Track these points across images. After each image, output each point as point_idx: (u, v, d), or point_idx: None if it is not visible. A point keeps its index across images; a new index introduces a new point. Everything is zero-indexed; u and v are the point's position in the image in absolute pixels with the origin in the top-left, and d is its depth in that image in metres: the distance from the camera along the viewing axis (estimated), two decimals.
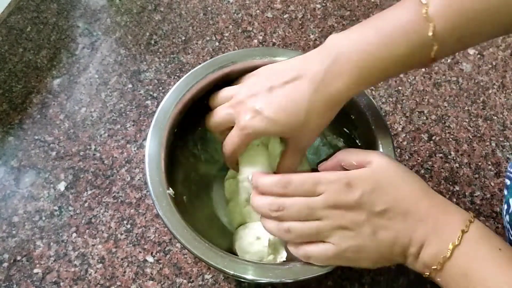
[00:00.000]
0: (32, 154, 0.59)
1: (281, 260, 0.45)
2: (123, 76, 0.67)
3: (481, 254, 0.35)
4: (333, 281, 0.51)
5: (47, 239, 0.53)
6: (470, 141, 0.62)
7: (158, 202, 0.43)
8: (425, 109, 0.64)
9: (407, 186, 0.38)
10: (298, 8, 0.75)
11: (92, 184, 0.57)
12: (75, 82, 0.66)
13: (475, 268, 0.34)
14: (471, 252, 0.35)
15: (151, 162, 0.45)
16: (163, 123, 0.48)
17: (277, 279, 0.41)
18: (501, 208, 0.56)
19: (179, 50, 0.70)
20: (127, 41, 0.70)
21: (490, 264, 0.34)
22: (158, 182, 0.44)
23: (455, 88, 0.67)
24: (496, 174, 0.59)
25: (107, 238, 0.54)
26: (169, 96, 0.49)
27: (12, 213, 0.55)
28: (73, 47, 0.69)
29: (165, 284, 0.51)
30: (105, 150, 0.60)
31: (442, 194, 0.57)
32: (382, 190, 0.38)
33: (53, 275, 0.51)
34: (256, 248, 0.45)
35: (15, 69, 0.66)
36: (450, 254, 0.35)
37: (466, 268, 0.35)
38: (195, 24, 0.73)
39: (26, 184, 0.57)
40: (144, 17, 0.73)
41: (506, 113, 0.64)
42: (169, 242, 0.53)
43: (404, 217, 0.37)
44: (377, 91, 0.66)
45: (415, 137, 0.62)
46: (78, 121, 0.62)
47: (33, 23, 0.71)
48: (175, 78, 0.66)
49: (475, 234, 0.36)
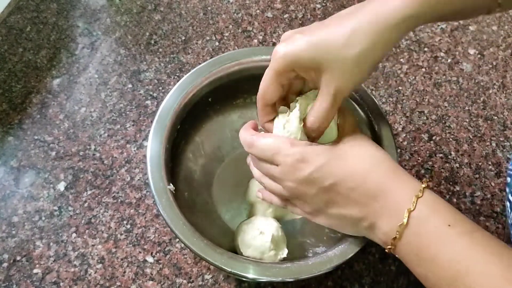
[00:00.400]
0: (31, 154, 0.59)
1: (282, 257, 0.45)
2: (123, 76, 0.66)
3: (430, 231, 0.34)
4: (333, 281, 0.51)
5: (47, 239, 0.53)
6: (470, 141, 0.62)
7: (158, 197, 0.43)
8: (426, 109, 0.64)
9: (357, 161, 0.38)
10: (298, 8, 0.75)
11: (92, 184, 0.57)
12: (75, 82, 0.66)
13: (425, 245, 0.34)
14: (422, 229, 0.34)
15: (153, 158, 0.45)
16: (165, 119, 0.48)
17: (277, 278, 0.41)
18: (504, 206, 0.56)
19: (179, 50, 0.69)
20: (127, 41, 0.70)
21: (439, 241, 0.34)
22: (159, 177, 0.44)
23: (456, 88, 0.66)
24: (497, 174, 0.59)
25: (107, 238, 0.53)
26: (173, 92, 0.50)
27: (11, 213, 0.55)
28: (73, 47, 0.69)
29: (165, 284, 0.51)
30: (105, 150, 0.60)
31: (442, 194, 0.57)
32: (331, 166, 0.38)
33: (52, 275, 0.51)
34: (259, 242, 0.45)
35: (15, 69, 0.66)
36: (406, 220, 0.34)
37: (417, 247, 0.34)
38: (195, 24, 0.73)
39: (25, 184, 0.57)
40: (144, 17, 0.73)
41: (507, 113, 0.64)
42: (169, 242, 0.53)
43: (353, 191, 0.37)
44: (378, 91, 0.66)
45: (416, 137, 0.62)
46: (78, 121, 0.62)
47: (32, 23, 0.71)
48: (175, 78, 0.66)
49: (427, 205, 0.35)
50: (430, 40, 0.71)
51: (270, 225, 0.47)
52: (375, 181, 0.37)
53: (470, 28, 0.73)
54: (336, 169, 0.37)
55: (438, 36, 0.71)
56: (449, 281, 0.32)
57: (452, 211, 0.35)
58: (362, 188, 0.37)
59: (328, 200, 0.38)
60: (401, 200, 0.35)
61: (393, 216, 0.35)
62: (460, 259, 0.32)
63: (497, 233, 0.55)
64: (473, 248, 0.32)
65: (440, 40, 0.71)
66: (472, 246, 0.33)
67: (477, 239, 0.33)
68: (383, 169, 0.37)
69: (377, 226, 0.37)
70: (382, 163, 0.38)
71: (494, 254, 0.32)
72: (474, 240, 0.33)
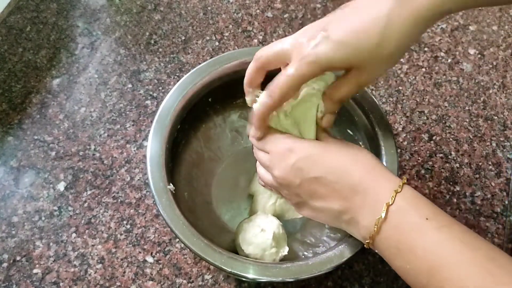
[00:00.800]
0: (31, 154, 0.59)
1: (283, 254, 0.46)
2: (122, 76, 0.66)
3: (408, 224, 0.34)
4: (333, 282, 0.51)
5: (47, 239, 0.53)
6: (470, 141, 0.62)
7: (158, 197, 0.43)
8: (426, 109, 0.64)
9: (341, 155, 0.38)
10: (298, 7, 0.75)
11: (92, 184, 0.57)
12: (75, 82, 0.66)
13: (403, 238, 0.34)
14: (400, 223, 0.35)
15: (153, 158, 0.45)
16: (165, 119, 0.48)
17: (277, 278, 0.41)
18: (505, 206, 0.56)
19: (179, 50, 0.69)
20: (127, 41, 0.70)
21: (417, 234, 0.34)
22: (159, 177, 0.44)
23: (456, 88, 0.66)
24: (497, 174, 0.59)
25: (107, 238, 0.53)
26: (173, 92, 0.50)
27: (11, 213, 0.55)
28: (73, 47, 0.69)
29: (165, 284, 0.51)
30: (105, 150, 0.60)
31: (443, 194, 0.57)
32: (316, 158, 0.38)
33: (52, 275, 0.51)
34: (260, 239, 0.45)
35: (15, 69, 0.66)
36: (385, 215, 0.35)
37: (395, 240, 0.35)
38: (195, 24, 0.73)
39: (25, 184, 0.57)
40: (144, 16, 0.73)
41: (507, 113, 0.64)
42: (169, 242, 0.53)
43: (335, 185, 0.37)
44: (378, 91, 0.66)
45: (416, 137, 0.62)
46: (78, 121, 0.62)
47: (32, 22, 0.71)
48: (175, 78, 0.66)
49: (406, 200, 0.35)
50: (430, 40, 0.71)
51: (271, 223, 0.47)
52: (356, 176, 0.37)
53: (470, 28, 0.73)
54: (320, 161, 0.38)
55: (438, 36, 0.71)
56: (427, 272, 0.33)
57: (430, 205, 0.35)
58: (343, 182, 0.37)
59: (311, 192, 0.39)
60: (380, 195, 0.36)
61: (372, 211, 0.36)
62: (438, 251, 0.33)
63: (497, 233, 0.55)
64: (451, 240, 0.33)
65: (440, 40, 0.71)
66: (450, 238, 0.33)
67: (454, 232, 0.33)
68: (364, 165, 0.38)
69: (357, 220, 0.37)
70: (363, 159, 0.39)
71: (471, 246, 0.32)
72: (452, 233, 0.33)
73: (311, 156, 0.39)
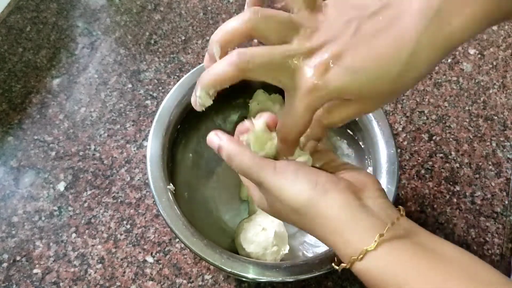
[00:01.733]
0: (31, 154, 0.59)
1: (284, 253, 0.46)
2: (122, 76, 0.66)
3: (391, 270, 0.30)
4: (333, 281, 0.51)
5: (47, 239, 0.53)
6: (470, 141, 0.62)
7: (158, 197, 0.43)
8: (426, 109, 0.64)
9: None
10: None
11: (92, 184, 0.57)
12: (75, 82, 0.66)
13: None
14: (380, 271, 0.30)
15: (153, 158, 0.45)
16: (165, 119, 0.48)
17: (277, 278, 0.41)
18: (505, 206, 0.56)
19: (179, 50, 0.69)
20: (127, 41, 0.70)
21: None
22: (159, 177, 0.44)
23: (456, 88, 0.66)
24: (497, 174, 0.59)
25: (107, 238, 0.53)
26: (173, 92, 0.50)
27: (11, 213, 0.55)
28: (73, 47, 0.69)
29: (165, 284, 0.51)
30: (105, 150, 0.60)
31: (443, 194, 0.57)
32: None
33: (52, 275, 0.51)
34: (262, 238, 0.45)
35: (15, 69, 0.66)
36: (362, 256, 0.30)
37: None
38: (195, 23, 0.73)
39: (25, 184, 0.57)
40: (144, 16, 0.73)
41: (507, 113, 0.64)
42: (169, 242, 0.53)
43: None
44: None
45: (416, 137, 0.62)
46: (78, 121, 0.62)
47: (32, 22, 0.71)
48: (175, 78, 0.66)
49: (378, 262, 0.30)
50: None
51: (272, 222, 0.47)
52: (331, 216, 0.30)
53: None
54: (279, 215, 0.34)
55: None
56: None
57: (411, 262, 0.29)
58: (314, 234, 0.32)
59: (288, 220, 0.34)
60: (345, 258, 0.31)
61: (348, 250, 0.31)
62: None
63: (497, 233, 0.55)
64: None
65: None
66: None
67: None
68: (322, 225, 0.31)
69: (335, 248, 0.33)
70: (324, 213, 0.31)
71: None
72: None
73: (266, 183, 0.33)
